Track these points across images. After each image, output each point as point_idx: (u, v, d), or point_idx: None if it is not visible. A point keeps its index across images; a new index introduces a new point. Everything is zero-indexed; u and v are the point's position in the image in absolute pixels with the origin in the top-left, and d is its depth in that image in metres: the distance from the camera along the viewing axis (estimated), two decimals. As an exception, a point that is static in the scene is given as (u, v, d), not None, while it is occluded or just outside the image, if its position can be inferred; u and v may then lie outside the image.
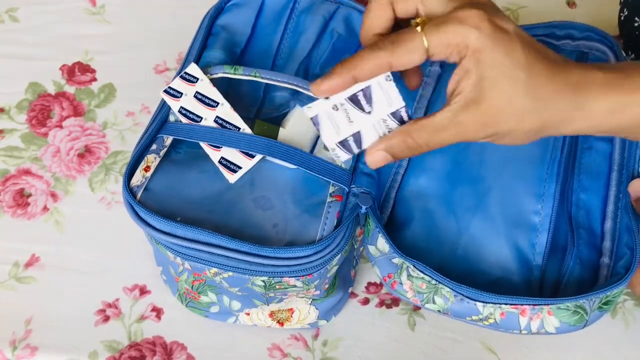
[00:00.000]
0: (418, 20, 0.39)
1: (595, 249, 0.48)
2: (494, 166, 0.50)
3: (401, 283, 0.45)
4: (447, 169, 0.51)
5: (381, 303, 0.56)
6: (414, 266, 0.45)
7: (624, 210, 0.47)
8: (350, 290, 0.55)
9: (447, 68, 0.56)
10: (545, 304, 0.42)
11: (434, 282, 0.44)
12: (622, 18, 0.60)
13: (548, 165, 0.49)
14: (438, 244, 0.49)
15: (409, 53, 0.38)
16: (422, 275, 0.45)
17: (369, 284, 0.57)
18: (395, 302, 0.56)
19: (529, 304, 0.42)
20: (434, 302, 0.44)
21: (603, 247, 0.48)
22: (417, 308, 0.55)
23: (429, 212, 0.50)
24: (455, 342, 0.54)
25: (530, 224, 0.48)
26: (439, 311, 0.45)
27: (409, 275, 0.45)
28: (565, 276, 0.47)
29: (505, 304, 0.43)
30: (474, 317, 0.44)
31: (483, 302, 0.43)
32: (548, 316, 0.42)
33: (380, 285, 0.56)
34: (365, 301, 0.56)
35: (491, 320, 0.43)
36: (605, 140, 0.51)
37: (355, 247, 0.52)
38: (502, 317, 0.43)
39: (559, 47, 0.55)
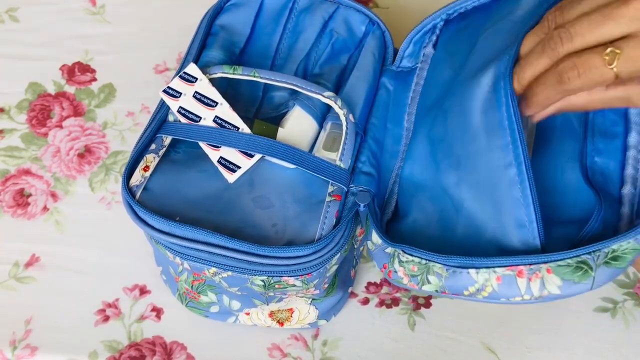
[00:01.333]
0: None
1: (615, 215, 0.44)
2: (454, 135, 0.47)
3: (395, 271, 0.45)
4: (427, 150, 0.49)
5: (381, 303, 0.56)
6: (402, 251, 0.44)
7: None
8: (350, 290, 0.55)
9: (439, 49, 0.53)
10: (541, 262, 0.39)
11: (424, 261, 0.43)
12: None
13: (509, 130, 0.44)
14: (439, 226, 0.48)
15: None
16: (411, 258, 0.44)
17: (369, 283, 0.57)
18: (395, 301, 0.56)
19: (523, 263, 0.39)
20: (428, 282, 0.43)
21: (622, 212, 0.44)
22: (417, 308, 0.55)
23: (424, 197, 0.49)
24: (455, 342, 0.54)
25: (510, 179, 0.43)
26: (436, 291, 0.43)
27: (400, 262, 0.44)
28: (581, 241, 0.43)
29: (498, 265, 0.40)
30: (471, 289, 0.41)
31: (475, 268, 0.41)
32: (548, 275, 0.39)
33: (381, 285, 0.56)
34: (365, 301, 0.56)
35: (489, 289, 0.41)
36: None
37: (355, 246, 0.52)
38: (498, 282, 0.40)
39: None
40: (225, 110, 0.49)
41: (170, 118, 0.50)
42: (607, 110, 0.46)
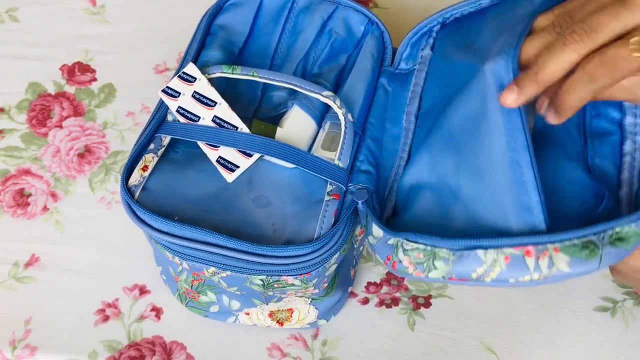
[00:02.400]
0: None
1: (616, 212, 0.45)
2: (454, 120, 0.47)
3: (400, 261, 0.44)
4: (428, 147, 0.49)
5: (381, 303, 0.56)
6: (406, 240, 0.44)
7: None
8: (349, 290, 0.55)
9: (437, 51, 0.54)
10: (548, 242, 0.40)
11: (429, 247, 0.43)
12: None
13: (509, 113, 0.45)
14: (439, 216, 0.47)
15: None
16: (415, 245, 0.43)
17: (369, 283, 0.56)
18: (395, 301, 0.56)
19: (531, 243, 0.40)
20: (435, 268, 0.43)
21: (621, 211, 0.46)
22: (416, 307, 0.55)
23: (424, 191, 0.49)
24: (455, 341, 0.54)
25: (513, 161, 0.43)
26: (443, 277, 0.42)
27: (405, 251, 0.44)
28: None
29: (506, 245, 0.40)
30: (478, 271, 0.41)
31: (483, 247, 0.41)
32: (555, 253, 0.40)
33: (380, 284, 0.56)
34: (365, 301, 0.56)
35: (497, 269, 0.41)
36: (614, 105, 0.49)
37: (355, 246, 0.52)
38: (506, 261, 0.40)
39: None
40: (224, 110, 0.49)
41: (169, 118, 0.50)
42: (603, 119, 0.48)
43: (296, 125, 0.50)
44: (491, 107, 0.44)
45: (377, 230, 0.46)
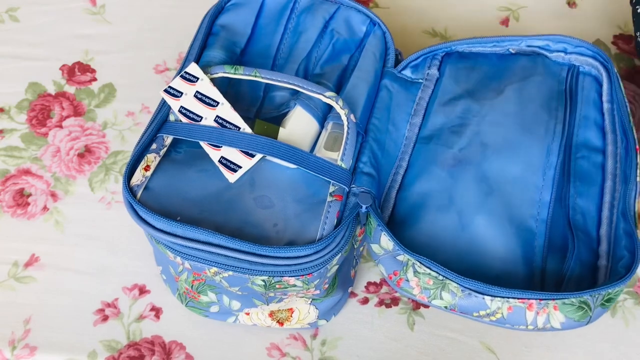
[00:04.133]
0: None
1: (592, 252, 0.49)
2: (496, 168, 0.51)
3: (407, 280, 0.45)
4: (449, 167, 0.52)
5: (380, 302, 0.56)
6: (420, 262, 0.45)
7: (621, 216, 0.48)
8: (350, 290, 0.55)
9: (445, 70, 0.57)
10: (552, 299, 0.43)
11: (440, 277, 0.44)
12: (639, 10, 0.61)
13: (545, 171, 0.51)
14: (441, 240, 0.49)
15: None
16: (428, 271, 0.45)
17: (369, 283, 0.57)
18: (394, 301, 0.56)
19: (536, 299, 0.43)
20: (441, 298, 0.45)
21: (600, 251, 0.49)
22: (416, 307, 0.55)
23: (431, 209, 0.50)
24: (455, 341, 0.54)
25: (529, 228, 0.49)
26: (445, 307, 0.45)
27: (416, 272, 0.45)
28: (566, 275, 0.48)
29: (514, 297, 0.43)
30: (481, 312, 0.44)
31: (492, 295, 0.43)
32: (554, 311, 0.43)
33: (380, 284, 0.57)
34: (365, 300, 0.56)
35: (498, 315, 0.44)
36: (598, 151, 0.53)
37: (355, 247, 0.52)
38: (509, 311, 0.44)
39: (552, 59, 0.57)
40: (226, 110, 0.49)
41: (171, 118, 0.50)
42: (587, 163, 0.52)
43: (299, 126, 0.50)
44: (535, 165, 0.51)
45: (386, 242, 0.46)
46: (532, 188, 0.50)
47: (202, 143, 0.48)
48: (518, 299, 0.43)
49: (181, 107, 0.49)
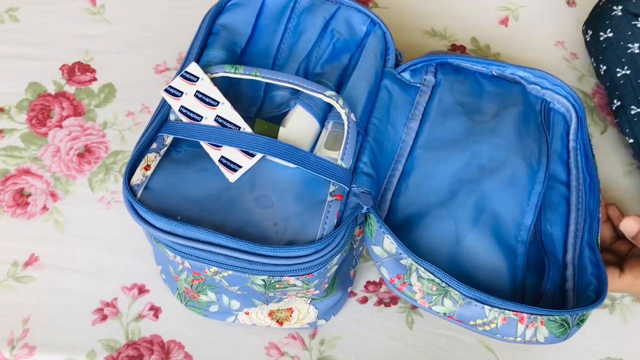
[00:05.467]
0: None
1: (560, 275, 0.52)
2: (492, 189, 0.53)
3: (411, 284, 0.46)
4: (448, 181, 0.53)
5: (379, 302, 0.56)
6: (424, 268, 0.45)
7: (586, 245, 0.52)
8: (349, 290, 0.55)
9: (441, 79, 0.59)
10: (539, 314, 0.45)
11: (443, 284, 0.45)
12: (602, 72, 0.66)
13: (530, 197, 0.53)
14: (437, 249, 0.50)
15: None
16: (432, 277, 0.45)
17: (368, 282, 0.57)
18: (393, 300, 0.56)
19: (529, 313, 0.45)
20: (442, 305, 0.45)
21: (566, 275, 0.52)
22: (415, 306, 0.55)
23: (430, 218, 0.51)
24: (453, 340, 0.54)
25: (512, 247, 0.51)
26: (444, 314, 0.46)
27: (419, 277, 0.46)
28: (542, 294, 0.50)
29: (509, 309, 0.45)
30: (477, 322, 0.45)
31: (491, 305, 0.45)
32: (541, 326, 0.46)
33: (379, 283, 0.57)
34: (364, 300, 0.56)
35: (493, 325, 0.45)
36: (563, 184, 0.56)
37: (355, 246, 0.52)
38: (503, 322, 0.45)
39: (528, 90, 0.59)
40: (226, 110, 0.49)
41: (172, 117, 0.50)
42: (555, 193, 0.56)
43: (299, 125, 0.50)
44: (523, 185, 0.53)
45: (389, 245, 0.46)
46: (518, 211, 0.53)
47: (202, 142, 0.48)
48: (514, 311, 0.45)
49: (181, 106, 0.49)
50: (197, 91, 0.50)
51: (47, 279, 0.57)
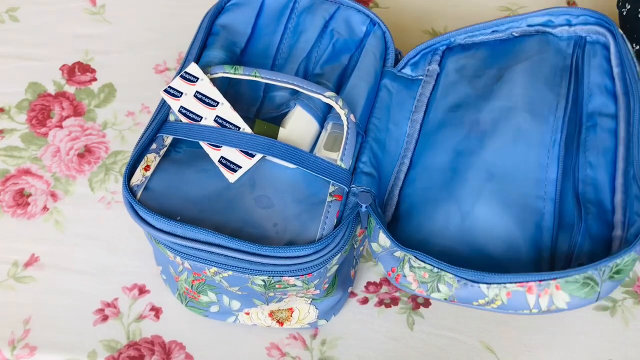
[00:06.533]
0: None
1: (606, 224, 0.47)
2: (495, 153, 0.50)
3: (405, 275, 0.45)
4: (449, 159, 0.51)
5: (380, 302, 0.56)
6: (414, 257, 0.45)
7: (633, 181, 0.46)
8: (349, 290, 0.55)
9: (445, 64, 0.57)
10: (551, 279, 0.41)
11: (436, 270, 0.44)
12: (625, 13, 0.61)
13: (549, 149, 0.50)
14: (443, 232, 0.49)
15: None
16: (423, 264, 0.45)
17: (369, 283, 0.57)
18: (394, 301, 0.56)
19: (534, 281, 0.42)
20: (438, 291, 0.44)
21: (615, 220, 0.47)
22: (416, 307, 0.55)
23: (430, 203, 0.50)
24: (454, 341, 0.54)
25: (535, 209, 0.48)
26: (445, 299, 0.44)
27: (411, 267, 0.45)
28: (575, 252, 0.46)
29: (509, 282, 0.42)
30: (480, 301, 0.43)
31: (486, 283, 0.43)
32: (556, 291, 0.41)
33: (380, 284, 0.57)
34: (365, 300, 0.56)
35: (498, 302, 0.43)
36: (610, 116, 0.51)
37: (355, 246, 0.52)
38: (508, 297, 0.42)
39: (556, 34, 0.56)
40: (226, 110, 0.49)
41: (171, 118, 0.50)
42: (599, 130, 0.50)
43: (298, 126, 0.50)
44: (534, 147, 0.49)
45: (384, 240, 0.46)
46: (536, 168, 0.49)
47: (202, 143, 0.48)
48: (514, 283, 0.42)
49: (181, 107, 0.49)
50: (197, 91, 0.50)
51: (48, 279, 0.57)
